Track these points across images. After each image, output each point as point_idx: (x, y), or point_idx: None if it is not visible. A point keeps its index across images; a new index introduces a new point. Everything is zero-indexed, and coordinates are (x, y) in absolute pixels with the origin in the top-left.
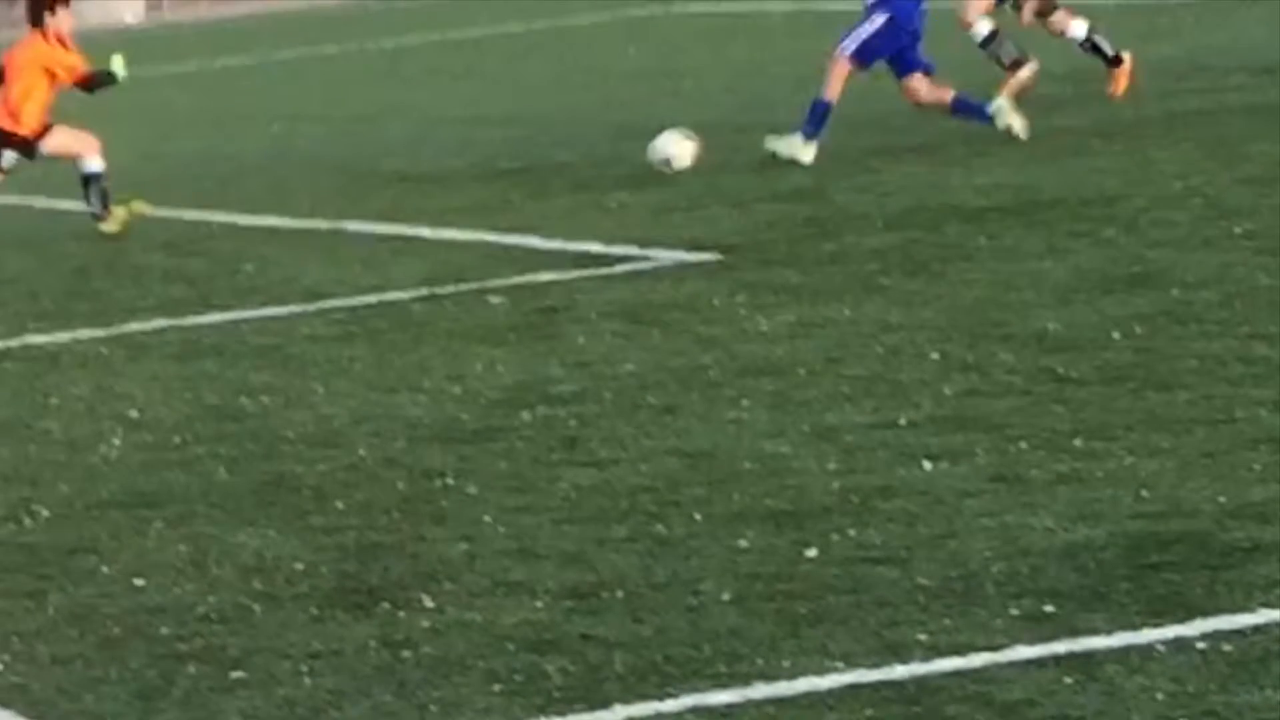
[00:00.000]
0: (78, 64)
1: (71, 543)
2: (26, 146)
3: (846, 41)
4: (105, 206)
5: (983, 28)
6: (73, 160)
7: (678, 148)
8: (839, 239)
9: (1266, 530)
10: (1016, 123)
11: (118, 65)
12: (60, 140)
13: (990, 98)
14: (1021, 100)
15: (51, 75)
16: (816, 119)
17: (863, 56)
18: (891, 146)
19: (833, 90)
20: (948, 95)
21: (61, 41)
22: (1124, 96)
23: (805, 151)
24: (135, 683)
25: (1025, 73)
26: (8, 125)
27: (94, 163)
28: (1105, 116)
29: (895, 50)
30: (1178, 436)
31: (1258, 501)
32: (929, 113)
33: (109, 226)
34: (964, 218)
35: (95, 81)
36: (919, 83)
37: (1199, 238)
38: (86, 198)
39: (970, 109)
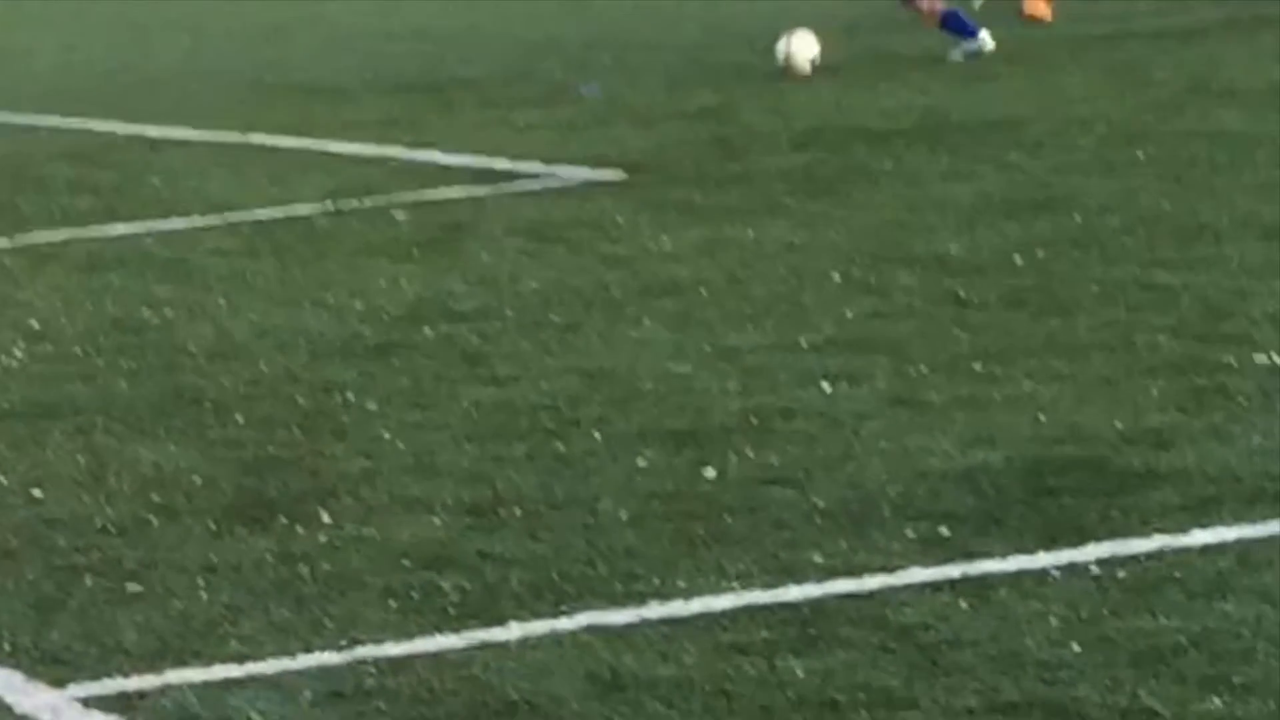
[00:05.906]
0: None
1: None
2: None
3: None
4: None
5: None
6: None
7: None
8: (744, 159)
9: (1163, 456)
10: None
11: None
12: None
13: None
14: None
15: None
16: (959, 25)
17: None
18: None
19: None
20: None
21: None
22: (1035, 20)
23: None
24: (31, 594)
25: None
26: None
27: None
28: (1011, 39)
29: None
30: (1077, 362)
31: (1155, 428)
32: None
33: None
34: (869, 140)
35: None
36: None
37: (1102, 163)
38: None
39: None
